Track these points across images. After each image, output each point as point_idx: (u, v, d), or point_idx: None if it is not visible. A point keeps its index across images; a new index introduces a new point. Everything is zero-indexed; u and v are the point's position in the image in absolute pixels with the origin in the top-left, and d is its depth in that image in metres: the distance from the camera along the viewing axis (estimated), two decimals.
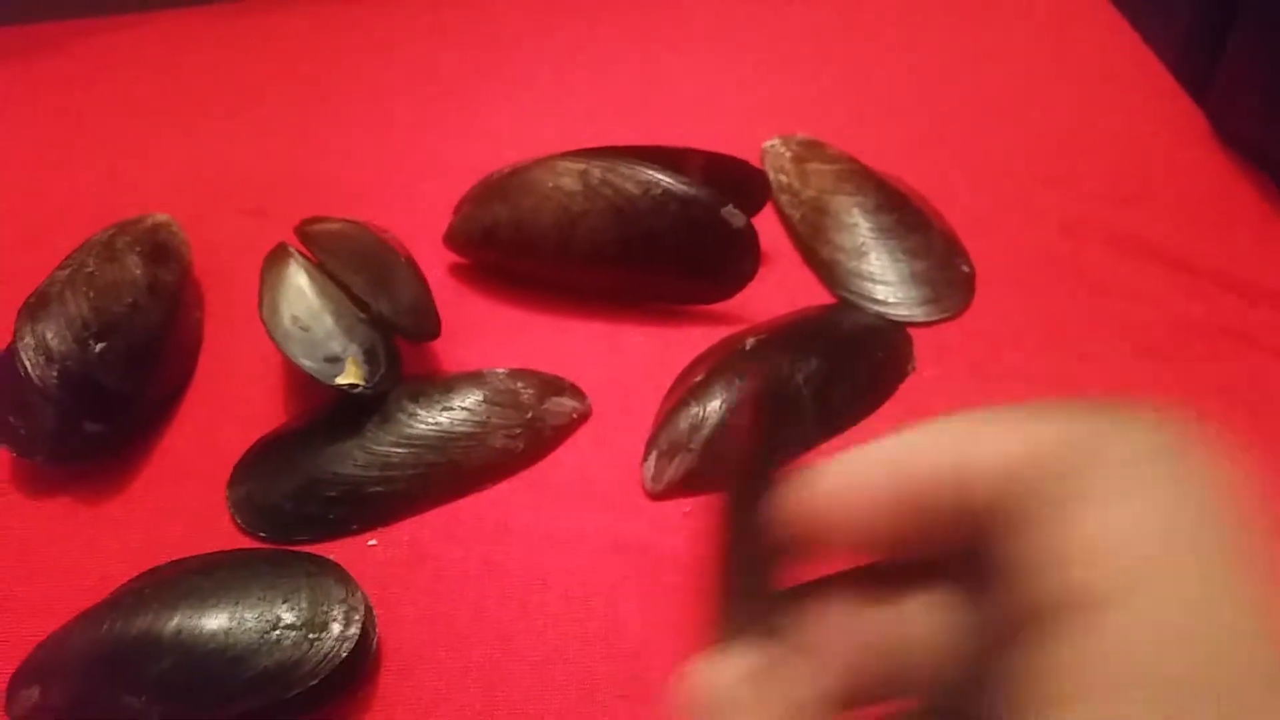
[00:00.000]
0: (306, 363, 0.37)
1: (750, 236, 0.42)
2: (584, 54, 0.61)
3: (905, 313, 0.42)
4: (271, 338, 0.37)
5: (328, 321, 0.41)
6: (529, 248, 0.43)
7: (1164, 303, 0.44)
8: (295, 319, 0.40)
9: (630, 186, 0.41)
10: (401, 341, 0.40)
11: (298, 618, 0.30)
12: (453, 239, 0.46)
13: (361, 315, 0.40)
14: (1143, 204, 0.48)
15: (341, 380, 0.37)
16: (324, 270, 0.42)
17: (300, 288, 0.42)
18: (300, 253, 0.43)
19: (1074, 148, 0.52)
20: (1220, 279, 0.44)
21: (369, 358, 0.39)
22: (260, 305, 0.38)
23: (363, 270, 0.41)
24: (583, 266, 0.43)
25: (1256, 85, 0.50)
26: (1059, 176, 0.50)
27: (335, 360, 0.39)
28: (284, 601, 0.30)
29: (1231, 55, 0.51)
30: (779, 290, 0.45)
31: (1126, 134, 0.53)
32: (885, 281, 0.43)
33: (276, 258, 0.42)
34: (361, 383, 0.37)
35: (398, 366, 0.39)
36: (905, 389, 0.41)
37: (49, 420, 0.37)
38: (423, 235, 0.47)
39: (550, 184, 0.42)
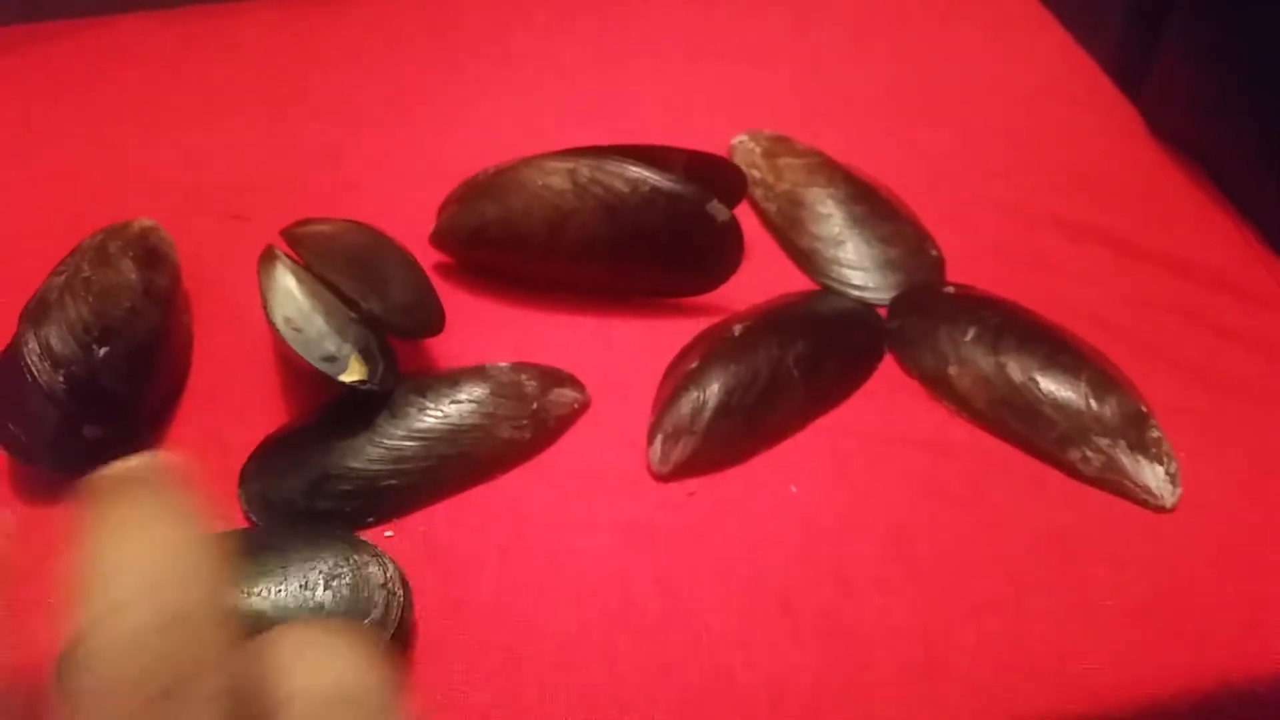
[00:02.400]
0: (317, 363, 0.37)
1: (734, 230, 0.43)
2: (552, 55, 0.62)
3: (884, 297, 0.45)
4: (284, 339, 0.37)
5: (319, 322, 0.41)
6: (519, 245, 0.44)
7: (1114, 284, 0.47)
8: (288, 320, 0.41)
9: (619, 184, 0.42)
10: (397, 339, 0.41)
11: (339, 605, 0.31)
12: (440, 239, 0.46)
13: (353, 315, 0.41)
14: (1087, 193, 0.52)
15: (347, 377, 0.38)
16: (311, 272, 0.42)
17: (289, 289, 0.42)
18: (287, 255, 0.43)
19: (1021, 143, 0.55)
20: (1163, 261, 0.48)
21: (365, 356, 0.40)
22: (265, 308, 0.39)
23: (351, 270, 0.42)
24: (572, 262, 0.44)
25: (1186, 85, 0.54)
26: (1009, 169, 0.53)
27: (331, 360, 0.40)
28: (326, 589, 0.31)
29: (1162, 58, 0.55)
30: (758, 280, 0.47)
31: (1068, 130, 0.56)
32: (863, 268, 0.46)
33: (264, 260, 0.42)
34: (366, 378, 0.38)
35: (394, 363, 0.40)
36: (885, 366, 0.43)
37: (49, 426, 0.37)
38: (403, 235, 0.47)
39: (539, 183, 0.43)
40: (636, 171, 0.42)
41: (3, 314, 0.38)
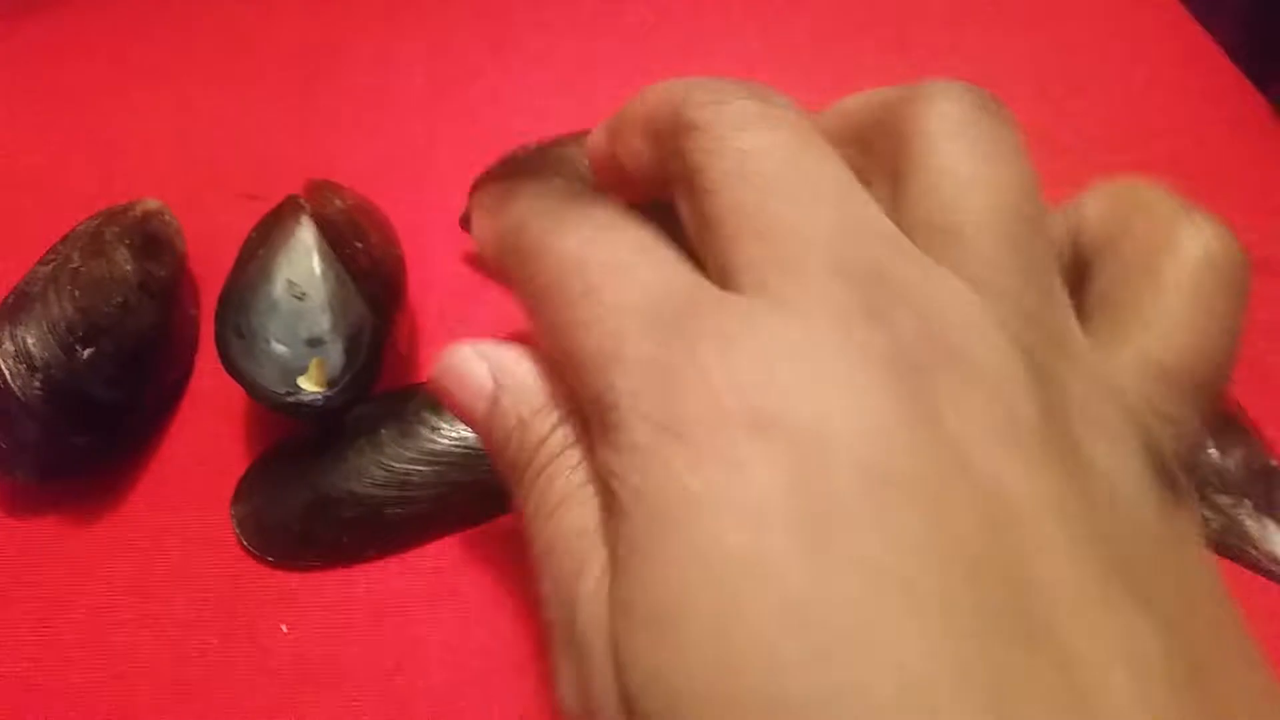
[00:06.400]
0: (255, 379, 0.34)
1: None
2: (603, 28, 0.57)
3: None
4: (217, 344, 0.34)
5: (327, 289, 0.37)
6: None
7: None
8: (291, 284, 0.37)
9: None
10: (420, 342, 0.37)
11: None
12: (470, 222, 0.42)
13: (359, 291, 0.36)
14: (1210, 195, 0.44)
15: (305, 382, 0.34)
16: (335, 227, 0.38)
17: (309, 245, 0.38)
18: (313, 208, 0.39)
19: (1135, 134, 0.49)
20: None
21: (351, 344, 0.35)
22: (221, 299, 0.36)
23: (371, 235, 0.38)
24: None
25: None
26: (1120, 163, 0.47)
27: (318, 343, 0.36)
28: None
29: None
30: None
31: (1190, 123, 0.49)
32: None
33: (285, 210, 0.39)
34: (322, 389, 0.33)
35: (373, 367, 0.34)
36: None
37: (31, 433, 0.33)
38: (435, 219, 0.43)
39: (584, 162, 0.38)
40: None
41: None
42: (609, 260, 0.19)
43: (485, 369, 0.25)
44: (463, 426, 0.34)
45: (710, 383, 0.17)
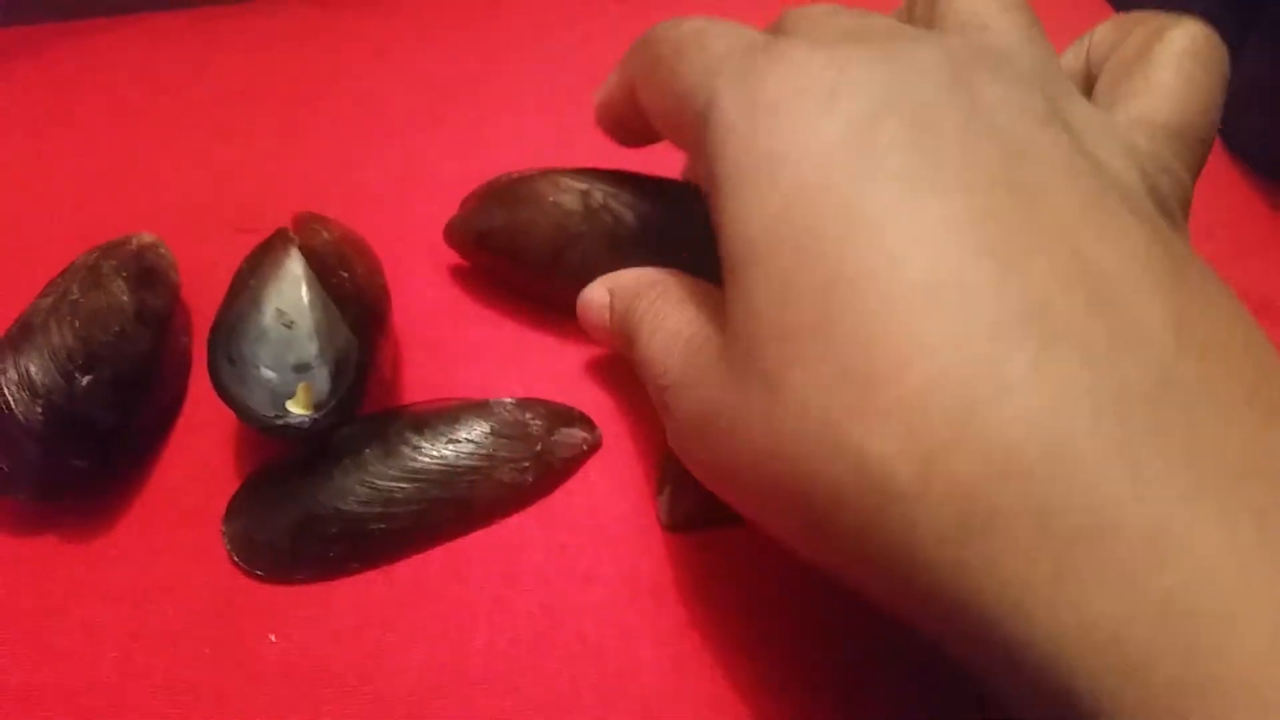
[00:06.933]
0: (245, 403, 0.36)
1: None
2: (582, 62, 0.59)
3: None
4: (209, 367, 0.36)
5: (314, 317, 0.39)
6: (521, 258, 0.42)
7: None
8: (280, 313, 0.39)
9: (628, 217, 0.39)
10: (403, 366, 0.39)
11: None
12: (452, 234, 0.44)
13: (345, 318, 0.38)
14: None
15: (290, 405, 0.36)
16: (321, 259, 0.40)
17: (297, 276, 0.40)
18: (301, 240, 0.41)
19: None
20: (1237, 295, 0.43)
21: (337, 369, 0.37)
22: (213, 328, 0.38)
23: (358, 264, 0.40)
24: (574, 287, 0.41)
25: (1269, 93, 0.49)
26: None
27: (305, 369, 0.38)
28: None
29: (1243, 67, 0.50)
30: None
31: None
32: None
33: (275, 242, 0.41)
34: (309, 412, 0.35)
35: (358, 391, 0.35)
36: None
37: (32, 456, 0.35)
38: (417, 248, 0.46)
39: (551, 199, 0.40)
40: (648, 208, 0.39)
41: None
42: (716, 27, 0.26)
43: (603, 289, 0.34)
44: (443, 445, 0.36)
45: (793, 68, 0.22)
